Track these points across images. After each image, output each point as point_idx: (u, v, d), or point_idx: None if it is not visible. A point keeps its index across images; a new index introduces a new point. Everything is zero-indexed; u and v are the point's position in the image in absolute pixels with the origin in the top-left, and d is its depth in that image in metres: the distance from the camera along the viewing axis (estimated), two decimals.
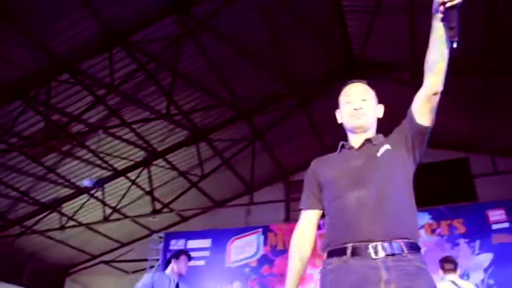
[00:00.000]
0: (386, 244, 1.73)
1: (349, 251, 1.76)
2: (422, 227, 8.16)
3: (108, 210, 10.11)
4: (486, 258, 7.88)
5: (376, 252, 1.72)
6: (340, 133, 2.25)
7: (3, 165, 8.55)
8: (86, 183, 9.18)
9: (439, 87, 1.82)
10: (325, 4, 7.47)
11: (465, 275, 7.62)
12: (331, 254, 1.83)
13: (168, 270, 5.02)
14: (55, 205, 9.89)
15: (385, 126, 2.20)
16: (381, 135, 2.09)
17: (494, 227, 8.05)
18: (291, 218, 10.71)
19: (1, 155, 8.24)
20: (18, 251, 10.48)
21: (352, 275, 1.71)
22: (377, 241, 1.73)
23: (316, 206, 2.08)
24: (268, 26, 7.55)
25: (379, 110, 2.16)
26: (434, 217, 8.21)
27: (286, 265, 7.53)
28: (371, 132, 2.10)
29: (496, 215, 8.10)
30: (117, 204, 10.03)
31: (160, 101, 8.24)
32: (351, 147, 2.07)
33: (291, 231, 7.39)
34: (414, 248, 1.78)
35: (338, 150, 2.12)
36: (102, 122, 8.43)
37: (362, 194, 1.82)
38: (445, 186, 9.51)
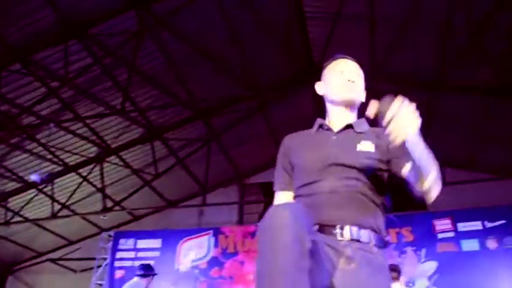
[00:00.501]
0: (354, 228, 1.65)
1: (316, 227, 1.64)
2: None
3: (57, 207, 9.82)
4: (431, 266, 8.15)
5: (342, 234, 1.64)
6: None
7: None
8: (34, 177, 8.88)
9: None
10: (287, 9, 7.54)
11: (410, 282, 7.84)
12: None
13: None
14: (0, 199, 9.52)
15: None
16: (363, 121, 1.95)
17: (440, 236, 8.34)
18: (245, 220, 10.72)
19: None
20: None
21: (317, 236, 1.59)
22: (346, 224, 1.65)
23: (291, 187, 1.94)
24: (230, 28, 7.55)
25: (364, 95, 2.01)
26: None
27: (236, 268, 7.66)
28: (354, 115, 1.96)
29: (442, 224, 8.39)
30: (67, 201, 9.77)
31: (116, 97, 8.09)
32: (329, 129, 1.94)
33: (243, 233, 7.50)
34: (381, 242, 1.72)
35: (315, 129, 1.98)
36: (54, 115, 8.20)
37: (335, 184, 1.73)
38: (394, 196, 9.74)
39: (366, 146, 1.81)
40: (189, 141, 9.80)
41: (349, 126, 1.91)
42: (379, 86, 8.53)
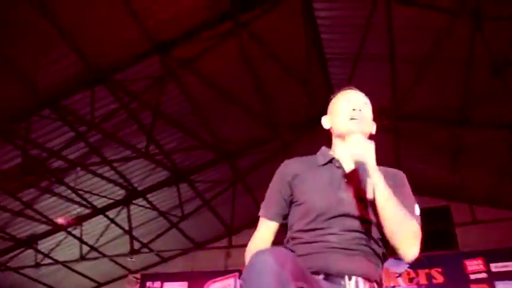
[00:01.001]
0: (363, 280, 1.62)
1: (321, 276, 1.62)
2: (400, 275, 8.09)
3: (86, 249, 9.95)
4: None
5: (350, 285, 1.60)
6: None
7: None
8: (60, 220, 9.06)
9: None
10: (308, 51, 7.65)
11: None
12: None
13: None
14: (31, 241, 9.72)
15: None
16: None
17: (472, 277, 8.00)
18: None
19: None
20: None
21: (322, 284, 1.58)
22: (354, 275, 1.62)
23: (280, 218, 1.89)
24: (252, 72, 7.71)
25: (373, 127, 1.92)
26: (413, 265, 8.15)
27: None
28: None
29: (473, 265, 8.06)
30: (95, 243, 9.90)
31: (141, 140, 8.25)
32: (340, 166, 1.83)
33: None
34: None
35: (323, 161, 1.87)
36: (82, 158, 8.42)
37: (344, 235, 1.68)
38: (425, 234, 9.45)
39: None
40: (215, 183, 9.86)
41: (360, 164, 1.78)
42: (403, 124, 8.52)
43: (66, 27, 6.30)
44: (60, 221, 9.06)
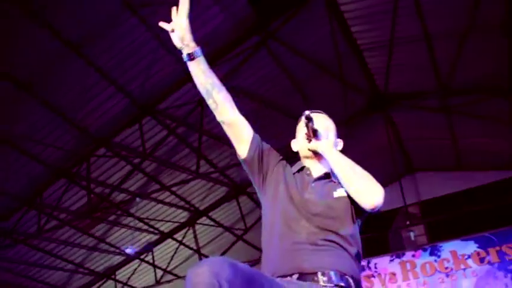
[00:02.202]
0: (337, 274, 1.67)
1: (295, 276, 1.67)
2: (469, 256, 7.85)
3: (160, 273, 10.33)
4: None
5: (324, 280, 1.64)
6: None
7: (56, 240, 9.00)
8: (128, 250, 9.46)
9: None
10: (342, 46, 7.62)
11: None
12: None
13: None
14: (109, 273, 10.22)
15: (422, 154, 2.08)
16: None
17: None
18: None
19: (54, 231, 8.68)
20: None
21: (294, 285, 1.64)
22: (327, 270, 1.66)
23: (250, 140, 1.96)
24: (288, 77, 7.78)
25: (339, 144, 2.06)
26: (481, 245, 7.88)
27: None
28: (327, 165, 1.95)
29: None
30: (167, 266, 10.24)
31: (195, 162, 8.50)
32: (310, 174, 1.95)
33: None
34: (359, 287, 1.73)
35: (296, 170, 2.00)
36: (142, 188, 8.78)
37: (313, 235, 1.74)
38: (491, 211, 9.12)
39: (341, 192, 1.84)
40: None
41: (327, 175, 1.93)
42: (452, 101, 8.29)
43: (105, 68, 6.64)
44: (128, 250, 9.44)
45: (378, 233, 10.17)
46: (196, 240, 10.03)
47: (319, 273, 1.65)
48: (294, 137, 2.11)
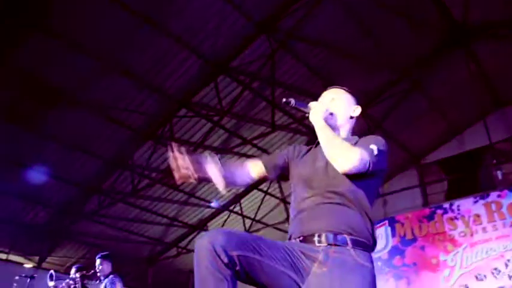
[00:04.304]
0: (331, 235, 1.88)
1: (299, 239, 1.95)
2: None
3: (248, 223, 10.79)
4: None
5: (319, 241, 1.88)
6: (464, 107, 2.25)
7: (150, 197, 9.66)
8: (214, 204, 9.92)
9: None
10: None
11: None
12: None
13: None
14: (201, 225, 10.84)
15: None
16: (355, 138, 2.19)
17: None
18: (430, 201, 10.33)
19: (147, 189, 9.31)
20: (179, 270, 11.66)
21: (296, 246, 1.90)
22: (323, 232, 1.90)
23: (269, 171, 2.25)
24: (357, 22, 7.53)
25: (355, 110, 2.28)
26: None
27: (417, 254, 7.52)
28: (343, 131, 2.22)
29: None
30: (255, 216, 10.66)
31: (273, 114, 8.61)
32: (318, 144, 2.16)
33: (418, 218, 7.38)
34: (361, 245, 1.89)
35: (314, 145, 2.24)
36: (224, 144, 9.09)
37: (317, 200, 1.99)
38: None
39: None
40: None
41: None
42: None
43: (175, 32, 6.82)
44: (213, 204, 9.94)
45: (463, 174, 9.86)
46: (281, 190, 10.29)
47: (316, 235, 1.90)
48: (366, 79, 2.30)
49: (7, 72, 6.80)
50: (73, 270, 5.72)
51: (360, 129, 7.79)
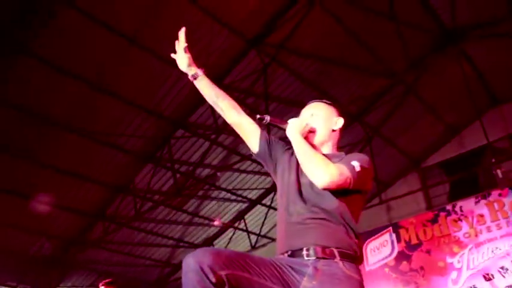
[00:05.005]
0: (319, 248, 1.88)
1: (288, 253, 1.94)
2: None
3: (254, 238, 10.79)
4: None
5: (308, 255, 1.88)
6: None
7: (154, 219, 9.69)
8: (216, 223, 9.95)
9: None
10: None
11: None
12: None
13: None
14: (207, 244, 10.82)
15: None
16: (341, 154, 2.17)
17: None
18: (433, 204, 10.29)
19: (150, 212, 9.34)
20: None
21: (284, 261, 1.89)
22: (311, 246, 1.89)
23: (254, 129, 2.32)
24: (346, 30, 7.60)
25: (337, 123, 2.24)
26: None
27: (424, 258, 7.43)
28: (327, 146, 2.19)
29: None
30: (260, 231, 10.65)
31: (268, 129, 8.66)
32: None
33: (422, 222, 7.30)
34: (349, 257, 1.90)
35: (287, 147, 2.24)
36: (224, 161, 9.14)
37: (302, 215, 1.98)
38: None
39: None
40: (352, 145, 9.89)
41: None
42: None
43: (165, 55, 6.90)
44: (217, 223, 9.96)
45: (464, 175, 9.85)
46: None
47: (304, 249, 1.90)
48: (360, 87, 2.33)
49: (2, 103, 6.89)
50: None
51: (357, 138, 7.86)
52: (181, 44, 2.35)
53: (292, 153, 2.16)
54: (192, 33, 6.64)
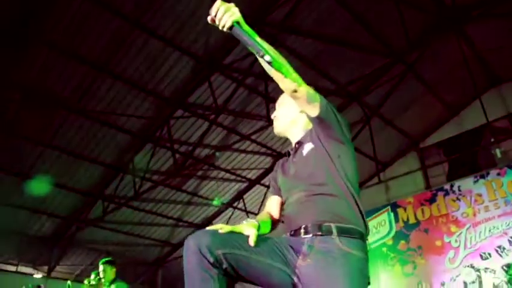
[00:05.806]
0: (315, 225, 1.94)
1: (289, 234, 2.04)
2: None
3: (253, 218, 10.82)
4: None
5: (305, 232, 1.95)
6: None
7: (153, 199, 9.72)
8: (216, 202, 9.99)
9: (290, 87, 2.00)
10: None
11: None
12: None
13: None
14: (206, 224, 10.88)
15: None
16: (309, 131, 2.25)
17: None
18: (432, 184, 10.33)
19: (149, 192, 9.37)
20: None
21: (285, 240, 1.98)
22: (308, 224, 1.96)
23: (278, 194, 2.34)
24: (347, 9, 7.53)
25: (291, 113, 2.35)
26: None
27: (422, 237, 7.52)
28: (299, 132, 2.32)
29: None
30: (259, 210, 10.69)
31: (269, 108, 8.63)
32: (290, 154, 2.33)
33: (420, 202, 7.35)
34: (348, 232, 1.92)
35: (288, 153, 2.38)
36: (223, 141, 9.13)
37: (298, 197, 2.08)
38: None
39: (309, 148, 2.17)
40: (352, 126, 9.89)
41: (299, 143, 2.27)
42: None
43: (166, 35, 6.86)
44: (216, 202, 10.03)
45: (463, 154, 9.87)
46: None
47: (302, 227, 1.98)
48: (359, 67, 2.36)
49: (6, 86, 6.87)
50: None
51: (356, 118, 7.85)
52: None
53: (281, 160, 2.40)
54: (192, 12, 6.63)
